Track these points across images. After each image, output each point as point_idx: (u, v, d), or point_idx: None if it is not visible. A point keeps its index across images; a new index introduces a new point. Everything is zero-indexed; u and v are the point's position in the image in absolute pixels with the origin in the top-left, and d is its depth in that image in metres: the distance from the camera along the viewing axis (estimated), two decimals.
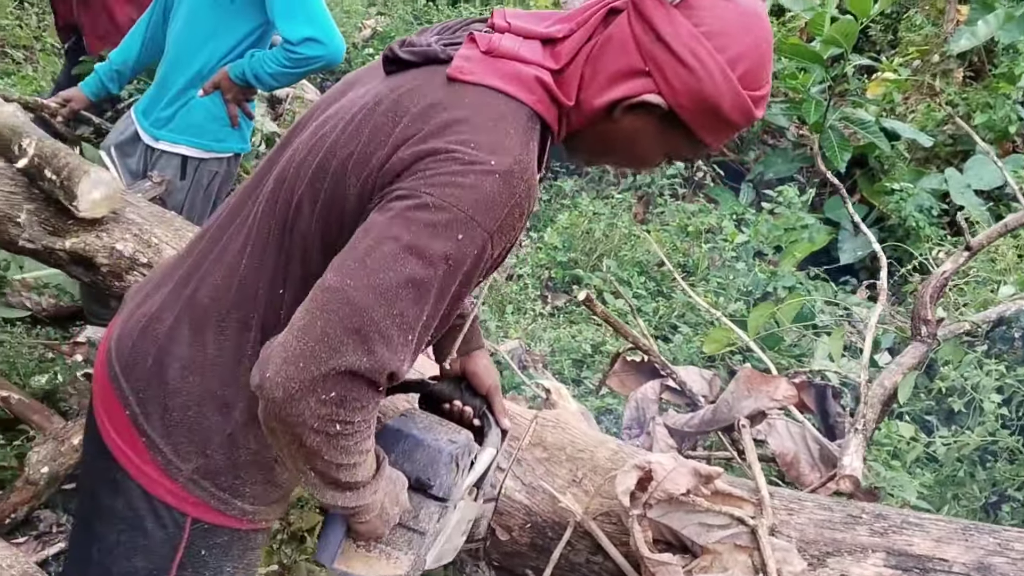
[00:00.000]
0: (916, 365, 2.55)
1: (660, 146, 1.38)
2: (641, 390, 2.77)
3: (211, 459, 1.38)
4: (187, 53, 3.01)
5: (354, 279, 1.15)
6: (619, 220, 4.96)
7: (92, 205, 2.47)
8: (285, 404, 1.14)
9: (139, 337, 1.44)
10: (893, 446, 3.13)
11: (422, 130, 1.24)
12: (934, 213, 5.41)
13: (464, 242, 1.18)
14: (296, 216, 1.34)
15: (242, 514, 1.42)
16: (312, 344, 1.14)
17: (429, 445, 1.50)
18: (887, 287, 4.03)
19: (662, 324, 4.32)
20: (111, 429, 1.43)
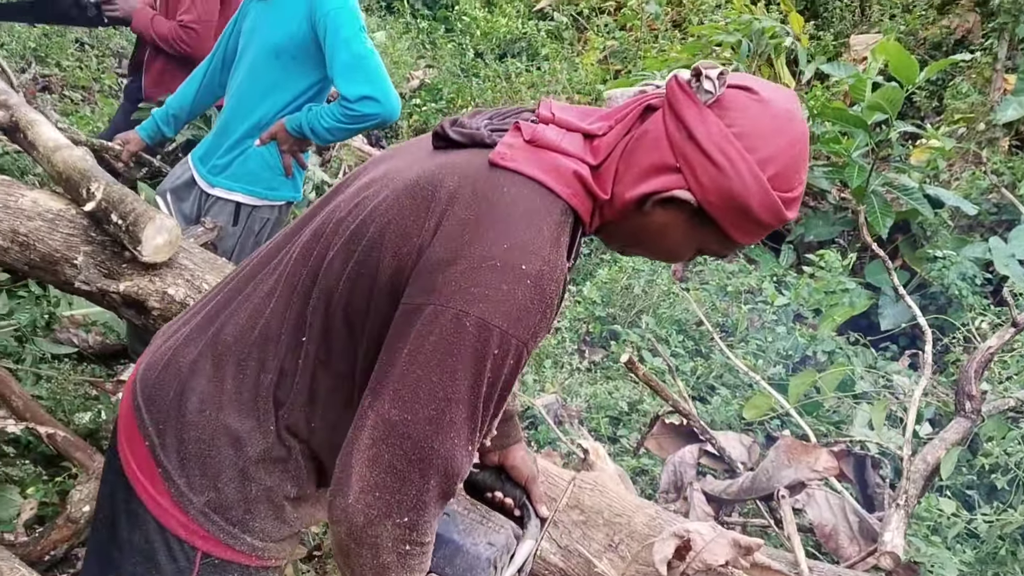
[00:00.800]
0: (959, 441, 2.52)
1: (690, 240, 1.40)
2: (679, 454, 2.76)
3: (222, 493, 1.42)
4: (248, 104, 3.09)
5: (411, 413, 1.24)
6: (658, 277, 4.96)
7: (155, 250, 2.52)
8: (366, 528, 1.25)
9: (163, 370, 1.49)
10: (933, 521, 3.08)
11: (460, 216, 1.29)
12: (977, 282, 5.35)
13: (501, 355, 1.25)
14: (327, 271, 1.39)
15: (251, 550, 1.44)
16: (384, 476, 1.25)
17: (468, 551, 1.59)
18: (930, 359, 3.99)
19: (700, 384, 4.30)
20: (131, 460, 1.47)
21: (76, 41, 6.69)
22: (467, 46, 8.05)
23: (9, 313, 3.55)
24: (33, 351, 3.51)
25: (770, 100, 1.32)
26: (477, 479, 1.81)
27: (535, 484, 1.80)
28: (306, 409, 1.43)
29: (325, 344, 1.40)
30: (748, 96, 1.32)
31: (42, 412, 2.93)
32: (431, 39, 8.53)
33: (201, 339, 1.49)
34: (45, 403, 3.15)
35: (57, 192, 2.76)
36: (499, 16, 8.44)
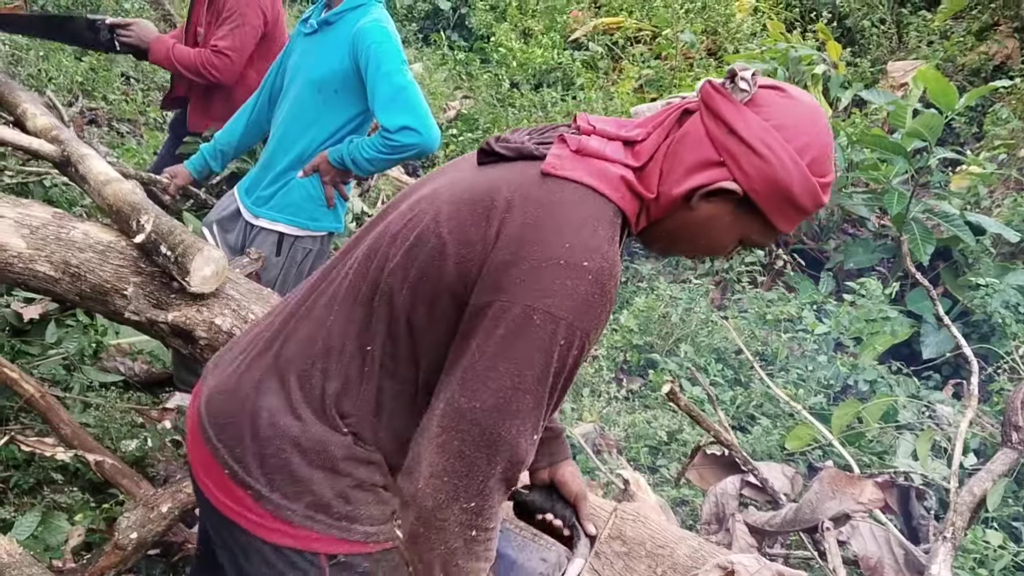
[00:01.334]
0: (1006, 472, 2.48)
1: (734, 231, 1.48)
2: (721, 485, 2.74)
3: (318, 494, 1.45)
4: (291, 137, 3.15)
5: (480, 400, 1.30)
6: (696, 305, 4.95)
7: (203, 281, 2.57)
8: (435, 511, 1.31)
9: (229, 398, 1.53)
10: (980, 553, 3.03)
11: (520, 222, 1.36)
12: (1021, 310, 5.28)
13: (566, 345, 1.31)
14: (388, 280, 1.45)
15: (366, 537, 1.47)
16: (452, 461, 1.31)
17: (524, 566, 1.68)
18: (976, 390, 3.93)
19: (740, 414, 4.28)
20: (219, 494, 1.51)
21: (122, 75, 6.84)
22: (503, 77, 8.13)
23: (58, 342, 3.62)
24: (81, 379, 3.57)
25: (798, 96, 1.43)
26: (527, 500, 1.84)
27: (583, 502, 1.84)
28: (372, 420, 1.47)
29: (390, 351, 1.45)
30: (778, 94, 1.42)
31: (90, 440, 2.98)
32: (467, 70, 8.63)
33: (262, 362, 1.54)
34: (92, 431, 3.21)
35: (107, 224, 2.82)
36: (534, 47, 8.51)
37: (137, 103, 6.51)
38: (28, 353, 3.54)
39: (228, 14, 3.80)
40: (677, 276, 5.65)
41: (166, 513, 2.60)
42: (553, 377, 1.32)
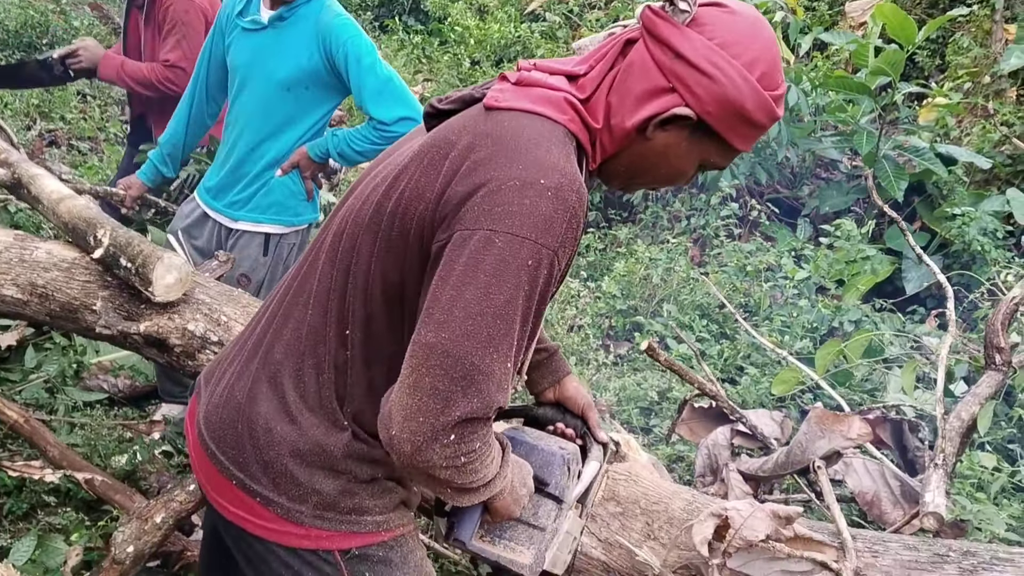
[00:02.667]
0: (993, 394, 2.48)
1: (693, 156, 1.45)
2: (712, 436, 2.74)
3: (323, 492, 1.44)
4: (264, 140, 3.12)
5: (448, 331, 1.23)
6: (676, 264, 4.95)
7: (166, 289, 2.55)
8: (415, 455, 1.25)
9: (223, 409, 1.53)
10: (976, 478, 3.05)
11: (469, 158, 1.33)
12: (999, 236, 5.30)
13: (534, 266, 1.26)
14: (357, 259, 1.43)
15: (377, 527, 1.47)
16: (426, 399, 1.24)
17: (543, 449, 1.62)
18: (956, 316, 3.94)
19: (728, 367, 4.28)
20: (228, 505, 1.51)
21: (78, 94, 6.76)
22: (462, 56, 8.08)
23: (38, 366, 3.59)
24: (64, 401, 3.54)
25: (740, 9, 1.39)
26: (537, 414, 1.84)
27: (592, 411, 1.85)
28: (368, 399, 1.45)
29: (369, 330, 1.43)
30: (719, 10, 1.39)
31: (78, 459, 2.96)
32: (426, 53, 8.57)
33: (250, 369, 1.54)
34: (80, 450, 3.19)
35: (69, 242, 2.79)
36: (491, 23, 8.46)
37: (95, 120, 6.45)
38: (9, 380, 3.51)
39: (170, 26, 3.75)
40: (655, 238, 5.64)
41: (160, 523, 2.59)
42: (524, 300, 1.26)
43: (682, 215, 5.74)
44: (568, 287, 4.95)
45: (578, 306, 4.90)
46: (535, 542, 1.59)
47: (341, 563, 1.46)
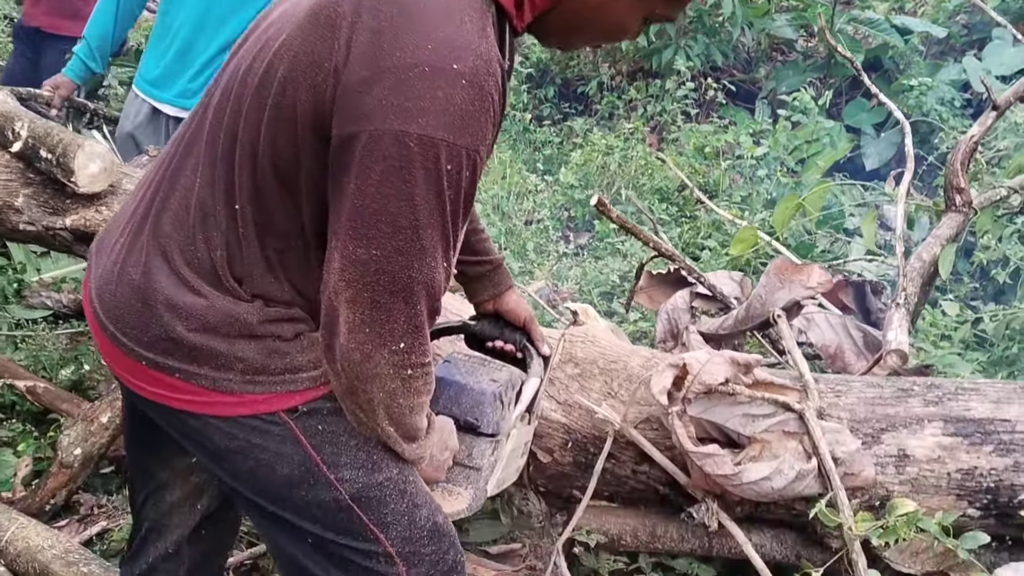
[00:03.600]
0: (954, 236, 2.43)
1: (636, 9, 1.32)
2: (671, 301, 2.68)
3: (248, 360, 1.32)
4: (212, 26, 2.94)
5: (378, 247, 1.17)
6: (633, 150, 4.84)
7: (91, 179, 2.41)
8: (364, 363, 1.22)
9: (116, 286, 1.37)
10: (940, 332, 3.03)
11: (370, 26, 1.17)
12: (956, 105, 5.25)
13: (454, 169, 1.16)
14: (245, 127, 1.28)
15: (315, 381, 1.35)
16: (369, 312, 1.20)
17: (472, 388, 1.61)
18: (915, 181, 3.88)
19: (689, 247, 4.22)
20: (144, 385, 1.37)
21: None
22: None
23: None
24: (7, 319, 3.41)
25: None
26: (475, 330, 1.81)
27: (533, 324, 1.79)
28: (270, 280, 1.33)
29: (260, 205, 1.29)
30: None
31: (20, 369, 2.86)
32: None
33: (140, 241, 1.37)
34: (24, 363, 3.07)
35: None
36: None
37: None
38: None
39: None
40: (612, 127, 5.53)
41: (107, 423, 2.50)
42: (450, 204, 1.19)
43: (638, 103, 5.62)
44: (525, 181, 4.84)
45: (536, 200, 4.80)
46: (472, 481, 1.60)
47: (290, 422, 1.34)
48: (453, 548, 1.48)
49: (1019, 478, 1.88)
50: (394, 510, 1.40)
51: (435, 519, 1.45)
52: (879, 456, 1.96)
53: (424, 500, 1.44)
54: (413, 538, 1.42)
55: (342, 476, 1.37)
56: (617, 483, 2.20)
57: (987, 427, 1.93)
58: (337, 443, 1.37)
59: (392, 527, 1.40)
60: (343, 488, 1.37)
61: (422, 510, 1.43)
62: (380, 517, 1.39)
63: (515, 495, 2.58)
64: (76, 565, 2.16)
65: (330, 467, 1.36)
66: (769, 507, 2.06)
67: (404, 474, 1.42)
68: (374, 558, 1.41)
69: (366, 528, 1.39)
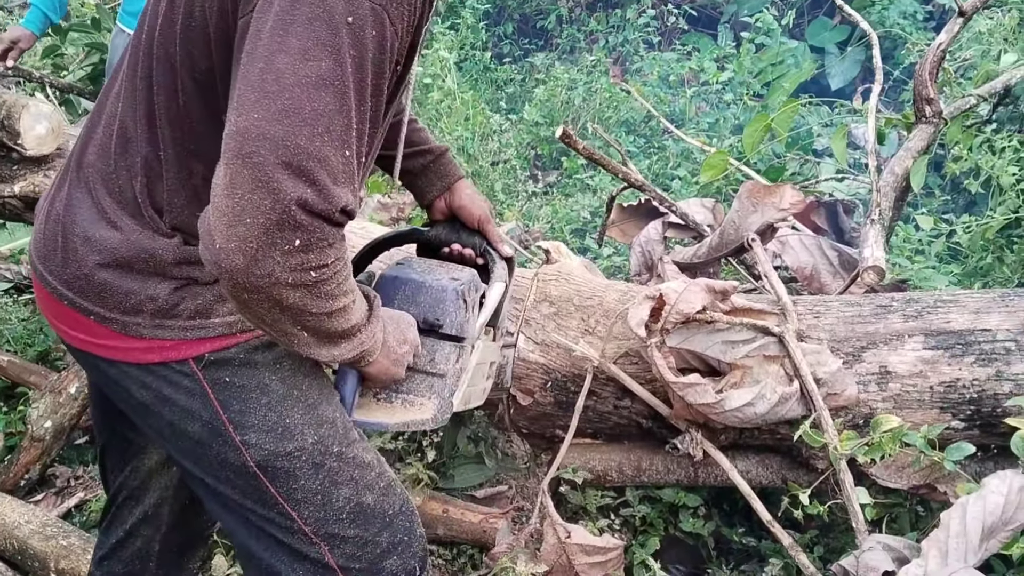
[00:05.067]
0: (925, 148, 2.39)
1: None
2: (643, 233, 2.64)
3: (159, 300, 1.23)
4: None
5: (260, 111, 0.99)
6: (596, 84, 4.76)
7: (38, 141, 2.33)
8: (250, 268, 1.01)
9: (45, 224, 1.32)
10: (915, 246, 3.01)
11: None
12: (919, 18, 5.19)
13: (357, 24, 1.02)
14: (160, 43, 1.20)
15: (229, 328, 1.25)
16: (249, 195, 0.99)
17: (431, 285, 1.41)
18: (881, 98, 3.83)
19: (659, 178, 4.17)
20: (68, 330, 1.30)
21: None
22: None
23: None
24: None
25: None
26: (429, 236, 1.64)
27: (489, 224, 1.63)
28: (194, 209, 1.22)
29: (183, 126, 1.21)
30: None
31: None
32: None
33: (67, 177, 1.33)
34: None
35: None
36: None
37: None
38: None
39: None
40: (574, 61, 5.42)
41: (75, 394, 2.45)
42: (354, 69, 1.02)
43: (599, 34, 5.52)
44: (488, 121, 4.74)
45: (501, 140, 4.71)
46: (436, 390, 1.41)
47: (198, 373, 1.25)
48: (389, 529, 1.36)
49: (1001, 387, 1.87)
50: (305, 486, 1.29)
51: (361, 499, 1.32)
52: (861, 374, 1.94)
53: (347, 477, 1.31)
54: (329, 519, 1.31)
55: (248, 439, 1.26)
56: (600, 420, 2.18)
57: (967, 338, 1.91)
58: (246, 400, 1.26)
59: (304, 504, 1.29)
60: (248, 454, 1.26)
61: (342, 488, 1.31)
62: (290, 491, 1.29)
63: (499, 438, 2.57)
64: (55, 538, 2.12)
65: (236, 427, 1.26)
66: (753, 433, 2.05)
67: (324, 444, 1.29)
68: (293, 535, 1.31)
69: (277, 501, 1.29)
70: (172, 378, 1.26)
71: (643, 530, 2.28)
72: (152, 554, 1.64)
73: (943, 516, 1.59)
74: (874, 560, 1.62)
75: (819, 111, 4.44)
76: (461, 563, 2.23)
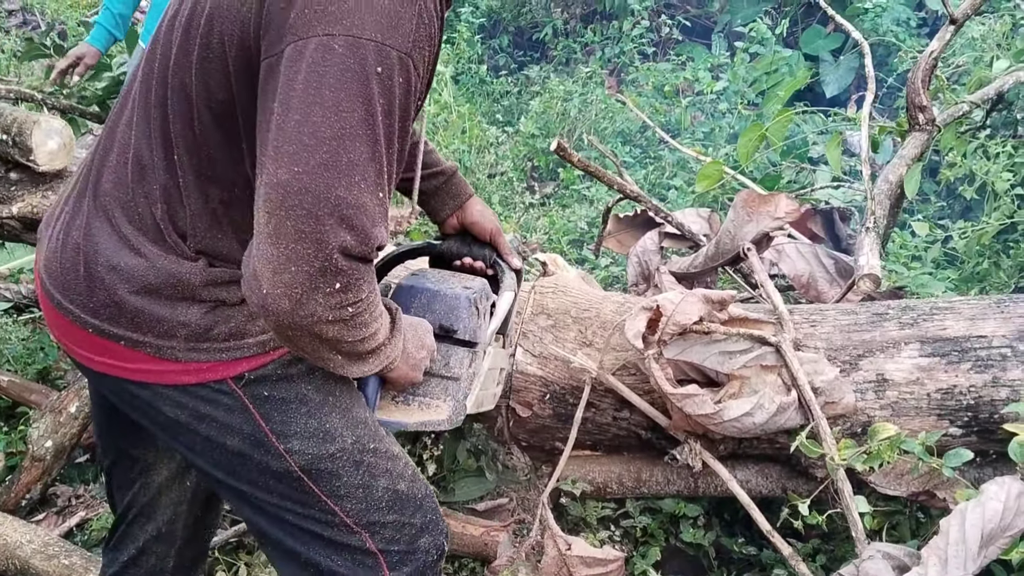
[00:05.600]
0: (919, 155, 2.40)
1: None
2: (640, 243, 2.64)
3: (191, 325, 1.27)
4: None
5: (301, 164, 1.05)
6: (592, 94, 4.78)
7: (51, 156, 2.34)
8: (295, 311, 1.09)
9: (62, 252, 1.33)
10: (911, 253, 3.02)
11: None
12: (912, 24, 5.21)
13: (385, 73, 1.08)
14: (175, 72, 1.22)
15: (263, 347, 1.30)
16: (294, 245, 1.06)
17: (445, 294, 1.51)
18: (875, 104, 3.83)
19: (655, 188, 4.18)
20: (92, 356, 1.32)
21: None
22: None
23: None
24: None
25: None
26: (441, 250, 1.72)
27: (501, 236, 1.72)
28: (215, 235, 1.27)
29: (199, 153, 1.23)
30: None
31: None
32: None
33: (83, 205, 1.33)
34: None
35: None
36: None
37: None
38: None
39: None
40: (569, 72, 5.44)
41: (76, 412, 2.45)
42: (383, 116, 1.08)
43: (595, 46, 5.54)
44: (485, 133, 4.76)
45: (498, 152, 4.73)
46: (451, 393, 1.51)
47: (237, 390, 1.29)
48: (420, 511, 1.44)
49: (998, 393, 1.88)
50: (347, 482, 1.36)
51: (396, 487, 1.40)
52: (858, 382, 1.95)
53: (383, 469, 1.39)
54: (371, 508, 1.38)
55: (291, 447, 1.32)
56: (599, 431, 2.18)
57: (964, 345, 1.92)
58: (286, 411, 1.32)
59: (347, 499, 1.36)
60: (292, 460, 1.32)
61: (380, 480, 1.39)
62: (333, 489, 1.35)
63: (499, 451, 2.57)
64: (56, 558, 2.12)
65: (279, 437, 1.31)
66: (752, 443, 2.05)
67: (361, 443, 1.37)
68: (334, 528, 1.38)
69: (319, 499, 1.35)
70: (210, 396, 1.30)
71: (644, 541, 2.28)
72: (167, 571, 1.67)
73: (942, 523, 1.59)
74: (874, 568, 1.62)
75: (814, 119, 4.46)
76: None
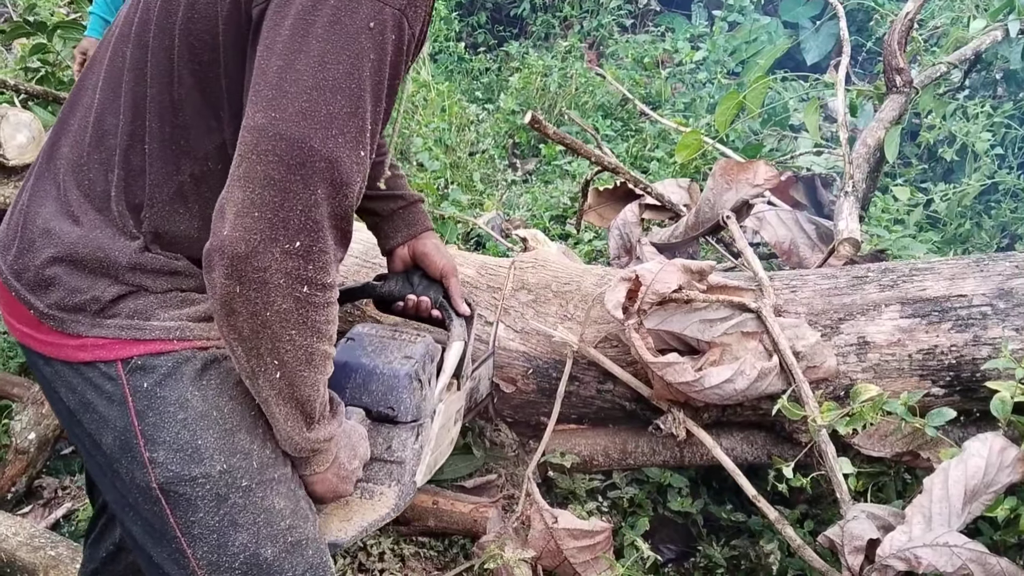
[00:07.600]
0: (897, 118, 2.39)
1: None
2: (621, 216, 2.63)
3: (102, 300, 1.19)
4: None
5: (279, 110, 1.02)
6: (572, 69, 4.75)
7: (20, 151, 2.32)
8: (249, 258, 1.02)
9: (11, 216, 1.29)
10: (893, 216, 3.02)
11: None
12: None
13: (378, 29, 1.04)
14: (157, 33, 1.17)
15: (167, 333, 1.20)
16: (260, 190, 1.02)
17: (383, 372, 1.40)
18: (855, 69, 3.83)
19: (638, 160, 4.16)
20: (14, 322, 1.26)
21: None
22: None
23: None
24: None
25: None
26: (383, 292, 1.62)
27: (452, 277, 1.63)
28: (176, 207, 1.21)
29: (174, 120, 1.18)
30: None
31: None
32: None
33: (38, 169, 1.30)
34: None
35: None
36: None
37: None
38: None
39: None
40: (549, 48, 5.41)
41: None
42: (372, 73, 1.04)
43: (573, 20, 5.50)
44: (465, 111, 4.73)
45: (479, 130, 4.70)
46: (395, 477, 1.40)
47: (123, 376, 1.18)
48: None
49: (980, 351, 1.88)
50: (203, 520, 1.19)
51: (259, 550, 1.20)
52: (839, 346, 1.95)
53: (248, 522, 1.20)
54: (222, 565, 1.20)
55: (156, 456, 1.17)
56: (583, 404, 2.18)
57: (944, 304, 1.92)
58: (162, 412, 1.18)
59: (199, 542, 1.19)
60: (153, 473, 1.18)
61: (240, 533, 1.20)
62: (188, 524, 1.19)
63: (487, 428, 2.56)
64: (43, 549, 2.11)
65: (147, 442, 1.18)
66: (736, 410, 2.05)
67: (232, 475, 1.19)
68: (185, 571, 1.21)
69: (174, 535, 1.20)
70: (97, 381, 1.20)
71: (632, 511, 2.28)
72: None
73: (926, 482, 1.60)
74: (859, 528, 1.62)
75: (795, 86, 4.44)
76: (453, 554, 2.23)
